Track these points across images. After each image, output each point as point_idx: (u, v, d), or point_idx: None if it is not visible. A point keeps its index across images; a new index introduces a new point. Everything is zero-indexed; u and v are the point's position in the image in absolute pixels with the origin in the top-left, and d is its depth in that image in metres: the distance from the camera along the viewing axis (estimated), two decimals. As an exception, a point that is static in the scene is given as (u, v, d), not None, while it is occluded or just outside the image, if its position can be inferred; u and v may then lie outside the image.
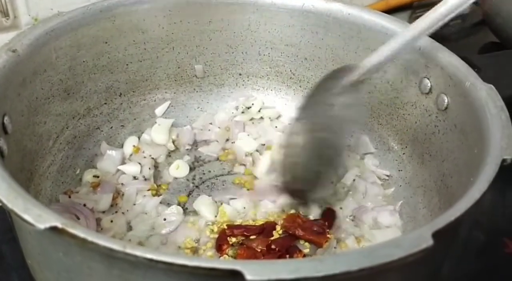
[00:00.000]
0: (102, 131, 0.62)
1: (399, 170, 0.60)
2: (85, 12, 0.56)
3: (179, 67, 0.66)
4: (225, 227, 0.54)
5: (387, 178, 0.60)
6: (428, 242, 0.32)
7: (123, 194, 0.57)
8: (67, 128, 0.58)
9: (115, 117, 0.63)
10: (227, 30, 0.65)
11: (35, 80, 0.52)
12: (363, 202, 0.58)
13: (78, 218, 0.52)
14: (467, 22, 1.05)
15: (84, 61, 0.58)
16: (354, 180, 0.60)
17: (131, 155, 0.62)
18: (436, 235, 0.33)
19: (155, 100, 0.66)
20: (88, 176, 0.59)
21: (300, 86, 0.68)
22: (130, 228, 0.55)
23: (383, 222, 0.55)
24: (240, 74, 0.68)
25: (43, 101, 0.53)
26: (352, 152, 0.63)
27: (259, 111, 0.69)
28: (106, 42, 0.59)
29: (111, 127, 0.63)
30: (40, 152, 0.53)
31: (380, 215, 0.56)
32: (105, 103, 0.62)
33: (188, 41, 0.64)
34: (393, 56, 0.50)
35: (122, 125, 0.64)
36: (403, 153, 0.60)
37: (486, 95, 0.47)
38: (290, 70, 0.67)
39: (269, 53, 0.66)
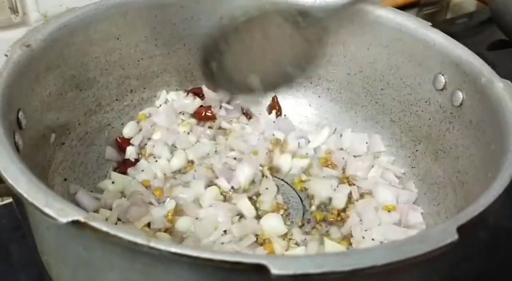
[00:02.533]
0: (113, 127, 0.62)
1: (412, 167, 0.60)
2: (98, 8, 0.56)
3: (189, 64, 0.66)
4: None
5: (402, 175, 0.60)
6: (454, 236, 0.32)
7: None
8: (79, 124, 0.57)
9: (126, 113, 0.63)
10: (238, 26, 0.65)
11: (48, 76, 0.51)
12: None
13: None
14: (474, 20, 1.04)
15: (96, 57, 0.57)
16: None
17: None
18: (461, 229, 0.32)
19: (166, 97, 0.66)
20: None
21: (311, 83, 0.67)
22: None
23: (409, 221, 0.55)
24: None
25: (56, 97, 0.53)
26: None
27: (269, 107, 0.68)
28: (118, 38, 0.59)
29: (122, 124, 0.63)
30: (53, 148, 0.53)
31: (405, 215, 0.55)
32: (117, 99, 0.62)
33: (200, 37, 0.64)
34: None
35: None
36: (416, 150, 0.59)
37: (503, 90, 0.47)
38: (301, 67, 0.67)
39: (280, 50, 0.66)
